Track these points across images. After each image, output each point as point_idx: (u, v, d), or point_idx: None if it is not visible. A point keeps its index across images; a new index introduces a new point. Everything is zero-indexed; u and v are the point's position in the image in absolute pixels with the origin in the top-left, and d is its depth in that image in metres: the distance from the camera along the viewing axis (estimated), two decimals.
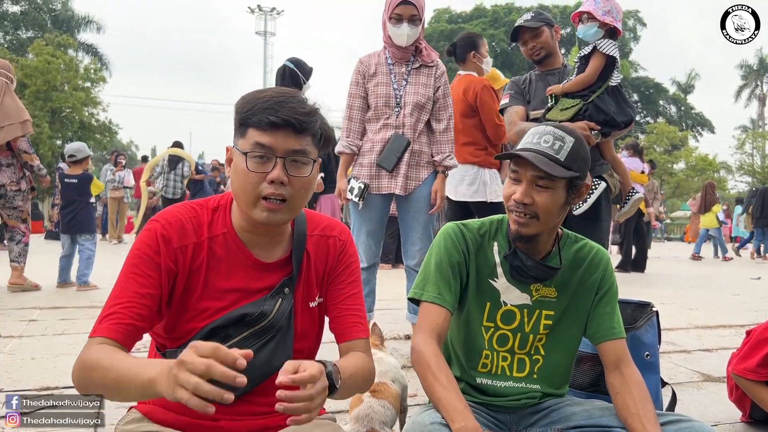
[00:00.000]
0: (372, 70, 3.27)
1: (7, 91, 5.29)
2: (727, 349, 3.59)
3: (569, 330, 1.66)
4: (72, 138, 24.23)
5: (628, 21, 42.18)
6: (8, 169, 5.30)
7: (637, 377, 1.55)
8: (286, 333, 1.35)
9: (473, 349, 1.65)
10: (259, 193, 1.24)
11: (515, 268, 1.61)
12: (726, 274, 9.20)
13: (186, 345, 1.25)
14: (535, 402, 1.64)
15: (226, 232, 1.33)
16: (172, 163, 10.43)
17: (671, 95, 43.28)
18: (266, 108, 1.22)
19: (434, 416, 1.43)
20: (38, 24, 30.05)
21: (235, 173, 1.27)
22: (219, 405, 1.28)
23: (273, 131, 1.22)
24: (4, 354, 3.11)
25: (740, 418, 2.37)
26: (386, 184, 3.21)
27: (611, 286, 1.66)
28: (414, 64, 3.26)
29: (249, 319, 1.29)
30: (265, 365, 1.31)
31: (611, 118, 2.86)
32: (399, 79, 3.24)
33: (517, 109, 3.11)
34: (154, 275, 1.24)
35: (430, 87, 3.25)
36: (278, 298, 1.33)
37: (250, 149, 1.23)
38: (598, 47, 2.84)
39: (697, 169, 34.15)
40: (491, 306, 1.64)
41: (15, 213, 5.38)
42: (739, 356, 2.24)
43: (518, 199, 1.53)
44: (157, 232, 1.27)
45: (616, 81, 2.91)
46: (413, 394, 2.45)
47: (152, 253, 1.25)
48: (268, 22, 40.35)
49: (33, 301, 4.83)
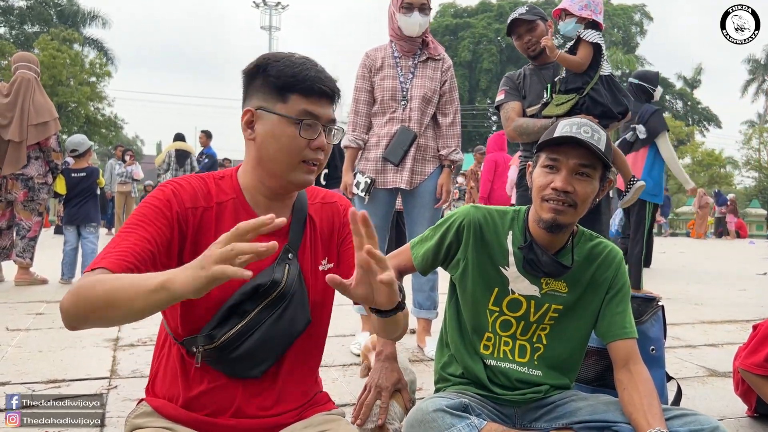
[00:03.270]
0: (378, 64, 3.24)
1: (37, 87, 5.33)
2: (732, 344, 3.58)
3: (575, 323, 1.67)
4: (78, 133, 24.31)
5: (634, 15, 41.95)
6: (36, 162, 5.35)
7: (645, 374, 1.55)
8: (302, 297, 1.35)
9: (478, 330, 1.68)
10: (302, 157, 1.27)
11: (528, 261, 1.62)
12: (732, 269, 9.17)
13: (208, 327, 1.26)
14: (540, 396, 1.64)
15: (234, 198, 1.33)
16: (180, 158, 10.37)
17: (677, 90, 43.06)
18: (314, 76, 1.26)
19: (437, 403, 1.44)
20: (44, 19, 30.14)
21: (273, 137, 1.27)
22: (230, 399, 1.29)
23: (317, 99, 1.27)
24: (11, 347, 3.13)
25: (746, 412, 2.37)
26: (391, 179, 3.19)
27: (623, 285, 1.67)
28: (421, 57, 3.23)
29: (262, 290, 1.29)
30: (288, 332, 1.32)
31: (608, 109, 2.86)
32: (405, 72, 3.21)
33: (514, 105, 3.12)
34: (163, 224, 1.21)
35: (437, 80, 3.23)
36: (285, 264, 1.33)
37: (300, 116, 1.25)
38: (581, 36, 2.87)
39: (704, 164, 33.97)
40: (499, 292, 1.66)
41: (33, 205, 5.41)
42: (747, 351, 2.23)
43: (560, 187, 1.54)
44: (168, 190, 1.26)
45: (607, 71, 2.91)
46: (420, 388, 2.45)
47: (162, 206, 1.23)
48: (273, 16, 40.31)
49: (40, 295, 4.85)
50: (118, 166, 12.44)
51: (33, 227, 5.44)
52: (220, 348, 1.27)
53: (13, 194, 5.32)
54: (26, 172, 5.30)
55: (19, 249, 5.39)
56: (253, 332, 1.28)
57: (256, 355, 1.29)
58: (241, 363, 1.29)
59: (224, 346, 1.26)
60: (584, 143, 1.52)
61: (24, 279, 5.38)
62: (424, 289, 3.25)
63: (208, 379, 1.30)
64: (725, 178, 34.84)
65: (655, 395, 1.50)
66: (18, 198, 5.33)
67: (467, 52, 38.12)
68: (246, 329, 1.27)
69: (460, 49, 38.76)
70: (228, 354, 1.27)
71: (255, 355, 1.29)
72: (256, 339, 1.28)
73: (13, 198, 5.34)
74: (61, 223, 10.06)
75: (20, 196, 5.33)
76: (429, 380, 2.61)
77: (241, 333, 1.27)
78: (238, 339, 1.27)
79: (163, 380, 1.35)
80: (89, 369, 2.73)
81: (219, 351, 1.27)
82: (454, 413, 1.41)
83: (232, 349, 1.27)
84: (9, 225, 5.42)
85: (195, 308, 1.27)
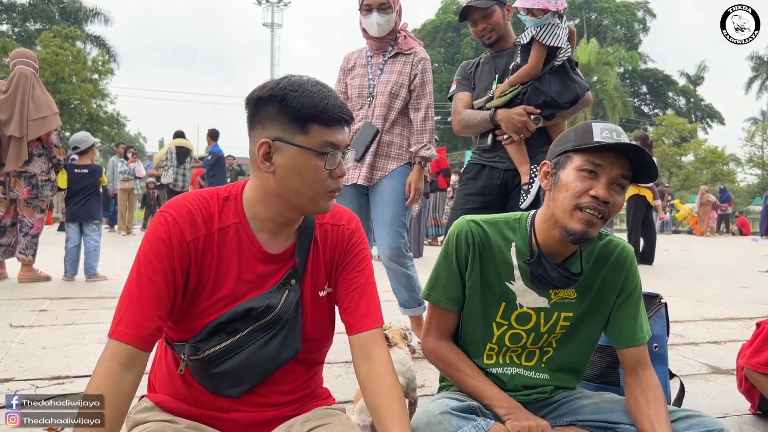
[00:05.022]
0: (351, 65, 3.23)
1: (36, 82, 5.33)
2: (735, 342, 3.58)
3: (586, 330, 1.62)
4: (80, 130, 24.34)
5: (637, 12, 41.82)
6: (39, 159, 5.35)
7: (654, 380, 1.52)
8: (294, 324, 1.33)
9: (479, 344, 1.63)
10: (327, 188, 1.26)
11: (537, 276, 1.54)
12: (735, 266, 9.15)
13: (194, 339, 1.26)
14: (546, 396, 1.63)
15: (237, 223, 1.29)
16: (181, 156, 10.37)
17: (680, 87, 42.96)
18: (333, 105, 1.22)
19: (444, 404, 1.43)
20: (46, 16, 30.13)
21: (296, 170, 1.22)
22: (229, 398, 1.30)
23: (338, 128, 1.24)
24: (15, 343, 3.14)
25: (749, 410, 2.36)
26: (351, 175, 3.10)
27: (635, 288, 1.59)
28: (390, 53, 3.15)
29: (255, 312, 1.27)
30: (274, 358, 1.31)
31: (552, 98, 2.69)
32: (375, 70, 3.14)
33: (462, 96, 2.96)
34: (169, 275, 1.21)
35: (405, 75, 3.10)
36: (284, 290, 1.31)
37: (322, 147, 1.22)
38: (536, 38, 2.70)
39: (706, 161, 33.88)
40: (506, 306, 1.59)
41: (36, 202, 5.42)
42: (751, 350, 2.22)
43: (603, 197, 1.40)
44: (168, 226, 1.23)
45: (562, 60, 2.74)
46: (421, 386, 2.46)
47: (165, 250, 1.22)
48: (276, 13, 40.36)
49: (43, 292, 4.86)
50: (121, 164, 12.45)
51: (35, 224, 5.45)
52: (204, 361, 1.26)
53: (16, 192, 5.33)
54: (29, 169, 5.31)
55: (22, 246, 5.40)
56: (239, 352, 1.27)
57: (238, 375, 1.28)
58: (221, 380, 1.28)
59: (207, 360, 1.26)
60: (636, 151, 1.40)
61: (27, 276, 5.39)
62: (401, 290, 3.17)
63: (197, 385, 1.31)
64: (728, 175, 34.72)
65: (662, 401, 1.47)
66: (21, 195, 5.34)
67: (470, 49, 38.03)
68: (232, 347, 1.26)
69: (462, 46, 38.75)
70: (210, 369, 1.27)
71: (236, 374, 1.28)
72: (241, 359, 1.27)
73: (15, 195, 5.35)
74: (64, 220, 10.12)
75: (23, 194, 5.34)
76: (430, 377, 2.61)
77: (226, 350, 1.26)
78: (223, 356, 1.26)
79: (162, 377, 1.36)
80: (93, 365, 2.69)
81: (202, 364, 1.27)
82: (461, 415, 1.40)
83: (215, 365, 1.27)
84: (13, 222, 5.42)
85: (188, 317, 1.28)
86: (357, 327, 1.37)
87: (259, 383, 1.32)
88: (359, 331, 1.36)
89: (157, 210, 1.28)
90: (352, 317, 1.38)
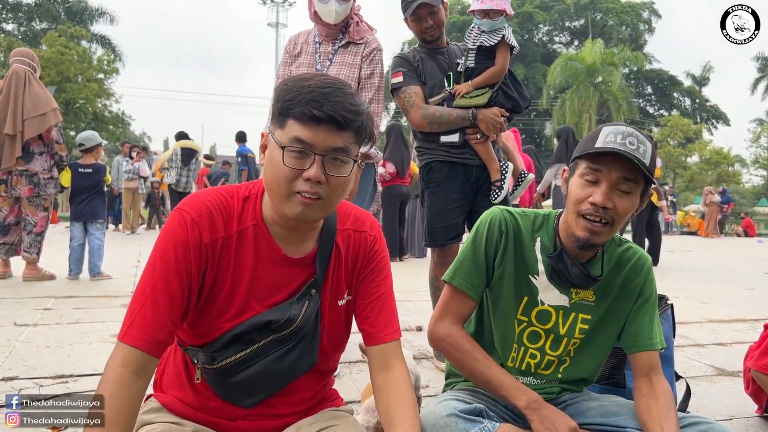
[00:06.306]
0: (297, 50, 2.98)
1: (33, 79, 5.34)
2: (741, 344, 3.56)
3: (604, 336, 1.62)
4: (85, 129, 24.44)
5: (642, 12, 41.70)
6: (41, 157, 5.36)
7: (665, 386, 1.52)
8: (312, 337, 1.30)
9: (505, 343, 1.63)
10: (293, 188, 1.16)
11: (557, 272, 1.54)
12: (740, 268, 9.11)
13: (210, 348, 1.24)
14: (552, 397, 1.63)
15: (255, 224, 1.25)
16: (186, 157, 10.35)
17: (685, 88, 42.81)
18: (310, 100, 1.13)
19: (451, 407, 1.41)
20: (52, 15, 30.24)
21: (270, 164, 1.18)
22: (238, 406, 1.28)
23: (314, 126, 1.13)
24: (19, 342, 3.14)
25: (756, 411, 2.35)
26: None
27: (651, 294, 1.60)
28: (341, 42, 2.94)
29: (275, 325, 1.25)
30: (291, 370, 1.29)
31: (518, 103, 2.82)
32: (323, 59, 2.92)
33: (416, 89, 2.88)
34: (184, 278, 1.18)
35: (356, 67, 2.90)
36: (305, 300, 1.27)
37: (288, 143, 1.14)
38: (505, 39, 2.76)
39: (711, 162, 33.75)
40: (528, 302, 1.59)
41: (38, 200, 5.42)
42: (759, 352, 2.21)
43: (600, 203, 1.41)
44: (187, 226, 1.19)
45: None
46: (425, 386, 2.45)
47: (183, 252, 1.18)
48: (280, 13, 40.32)
49: (48, 290, 4.87)
50: (125, 163, 12.47)
51: (39, 222, 5.45)
52: (219, 371, 1.25)
53: (18, 190, 5.34)
54: (30, 167, 5.31)
55: (26, 244, 5.40)
56: (255, 363, 1.25)
57: (253, 386, 1.27)
58: (236, 390, 1.27)
59: (223, 370, 1.24)
60: (638, 159, 1.40)
61: (32, 274, 5.40)
62: None
63: (209, 393, 1.29)
64: (733, 176, 34.59)
65: (672, 407, 1.47)
66: (23, 194, 5.35)
67: None
68: (248, 358, 1.25)
69: None
70: (226, 378, 1.25)
71: (252, 385, 1.26)
72: (257, 369, 1.25)
73: (18, 194, 5.36)
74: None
75: (25, 192, 5.34)
76: (434, 377, 2.60)
77: (243, 360, 1.24)
78: (239, 366, 1.24)
79: (169, 378, 1.35)
80: (97, 364, 2.73)
81: (218, 373, 1.25)
82: (467, 418, 1.39)
83: (231, 375, 1.25)
84: (17, 221, 5.43)
85: (203, 321, 1.25)
86: (377, 338, 1.34)
87: (274, 394, 1.30)
88: (379, 342, 1.33)
89: (175, 207, 1.24)
90: (372, 327, 1.35)
